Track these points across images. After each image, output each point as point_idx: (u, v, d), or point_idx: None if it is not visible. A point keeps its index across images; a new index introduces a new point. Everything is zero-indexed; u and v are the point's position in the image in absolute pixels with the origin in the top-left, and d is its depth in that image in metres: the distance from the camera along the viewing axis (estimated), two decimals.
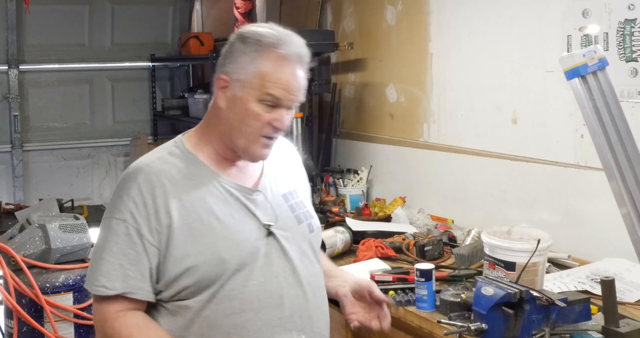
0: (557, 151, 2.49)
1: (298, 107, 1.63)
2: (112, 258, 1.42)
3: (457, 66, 2.97)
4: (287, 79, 1.44)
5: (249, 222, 1.50)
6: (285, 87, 1.44)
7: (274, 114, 1.46)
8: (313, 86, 3.43)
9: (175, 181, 1.47)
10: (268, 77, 1.44)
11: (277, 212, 1.55)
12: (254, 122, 1.47)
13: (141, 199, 1.43)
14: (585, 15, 2.34)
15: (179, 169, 1.49)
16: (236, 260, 1.45)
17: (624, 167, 1.61)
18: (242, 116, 1.47)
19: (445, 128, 3.07)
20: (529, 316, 1.65)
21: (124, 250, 1.42)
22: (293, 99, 1.47)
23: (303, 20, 4.13)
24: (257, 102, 1.45)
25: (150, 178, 1.46)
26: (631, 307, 1.92)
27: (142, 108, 5.56)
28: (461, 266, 2.27)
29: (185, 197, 1.45)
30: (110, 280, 1.41)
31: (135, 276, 1.42)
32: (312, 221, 1.62)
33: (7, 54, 4.96)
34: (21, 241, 2.68)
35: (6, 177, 5.08)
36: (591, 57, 1.61)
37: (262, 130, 1.48)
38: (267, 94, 1.44)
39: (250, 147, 1.50)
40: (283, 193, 1.60)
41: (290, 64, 1.45)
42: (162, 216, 1.43)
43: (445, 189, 3.07)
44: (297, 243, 1.55)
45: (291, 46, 1.46)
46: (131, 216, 1.43)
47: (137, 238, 1.42)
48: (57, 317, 2.58)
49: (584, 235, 2.39)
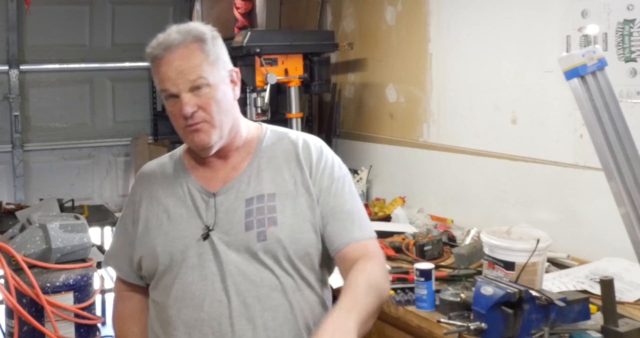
0: (556, 151, 2.50)
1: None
2: (114, 239, 1.75)
3: (457, 66, 2.97)
4: (163, 70, 1.51)
5: (193, 223, 1.56)
6: (165, 77, 1.51)
7: (177, 106, 1.52)
8: (313, 86, 3.44)
9: (155, 180, 1.66)
10: (156, 78, 1.56)
11: (227, 217, 1.53)
12: (174, 122, 1.56)
13: (132, 194, 1.70)
14: (585, 15, 2.34)
15: (164, 170, 1.68)
16: (167, 256, 1.54)
17: (623, 167, 1.61)
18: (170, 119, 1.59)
19: (445, 128, 3.07)
20: (529, 315, 1.65)
21: (119, 235, 1.72)
22: (178, 83, 1.50)
23: (303, 20, 4.14)
24: (166, 103, 1.55)
25: (141, 176, 1.71)
26: (630, 306, 1.92)
27: (142, 108, 5.57)
28: (461, 266, 2.28)
29: (154, 194, 1.63)
30: (108, 257, 1.74)
31: (121, 257, 1.69)
32: (269, 229, 1.50)
33: (7, 54, 4.97)
34: (22, 240, 2.69)
35: (7, 177, 5.08)
36: (590, 58, 1.61)
37: (180, 123, 1.54)
38: (162, 91, 1.55)
39: (187, 140, 1.58)
40: (250, 196, 1.55)
41: (162, 57, 1.51)
42: (136, 209, 1.65)
43: (445, 189, 3.07)
44: (238, 250, 1.51)
45: (158, 42, 1.53)
46: (125, 208, 1.71)
47: (124, 226, 1.69)
48: (58, 316, 2.58)
49: (583, 234, 2.40)
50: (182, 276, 1.53)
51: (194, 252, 1.53)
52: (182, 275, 1.53)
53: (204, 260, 1.52)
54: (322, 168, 1.61)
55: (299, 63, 3.36)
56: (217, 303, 1.49)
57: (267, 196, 1.55)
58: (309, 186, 1.57)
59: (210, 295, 1.49)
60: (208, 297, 1.49)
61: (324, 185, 1.59)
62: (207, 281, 1.50)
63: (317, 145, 1.66)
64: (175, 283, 1.53)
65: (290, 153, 1.62)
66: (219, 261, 1.51)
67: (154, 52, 1.53)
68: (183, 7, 5.63)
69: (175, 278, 1.53)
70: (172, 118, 1.56)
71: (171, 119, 1.57)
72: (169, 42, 1.51)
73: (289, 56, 3.33)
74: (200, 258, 1.52)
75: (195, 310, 1.50)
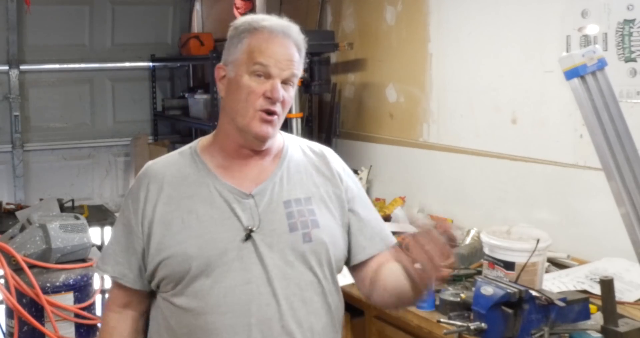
0: (556, 151, 2.50)
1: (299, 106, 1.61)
2: (111, 244, 1.59)
3: (457, 66, 2.98)
4: (273, 48, 1.47)
5: (228, 224, 1.48)
6: (272, 55, 1.46)
7: (265, 85, 1.46)
8: (313, 85, 3.44)
9: (171, 179, 1.54)
10: (256, 48, 1.47)
11: (267, 218, 1.49)
12: (248, 97, 1.47)
13: (137, 193, 1.55)
14: (585, 15, 2.34)
15: (179, 168, 1.56)
16: (202, 258, 1.45)
17: (623, 167, 1.61)
18: (237, 95, 1.49)
19: (445, 127, 3.07)
20: (528, 315, 1.65)
21: (119, 238, 1.57)
22: (283, 68, 1.47)
23: (303, 20, 4.14)
24: (248, 76, 1.47)
25: (149, 175, 1.56)
26: (630, 306, 1.92)
27: (142, 108, 5.56)
28: (461, 266, 2.28)
29: (174, 194, 1.52)
30: (104, 263, 1.57)
31: (123, 262, 1.54)
32: (313, 231, 1.50)
33: (7, 54, 4.96)
34: (22, 240, 2.69)
35: (7, 177, 5.08)
36: (590, 58, 1.61)
37: (257, 103, 1.47)
38: (255, 64, 1.46)
39: (250, 124, 1.48)
40: (286, 199, 1.52)
41: (277, 36, 1.48)
42: (149, 210, 1.51)
43: (445, 189, 3.07)
44: (282, 251, 1.47)
45: (276, 23, 1.50)
46: (127, 208, 1.55)
47: (129, 228, 1.54)
48: (58, 316, 2.59)
49: (583, 234, 2.40)
50: (223, 280, 1.45)
51: (235, 255, 1.46)
52: (223, 278, 1.45)
53: (247, 263, 1.46)
54: (347, 177, 1.64)
55: None
56: (266, 307, 1.45)
57: (304, 200, 1.54)
58: (340, 192, 1.59)
59: (256, 298, 1.45)
60: (255, 301, 1.44)
61: (354, 192, 1.62)
62: (251, 284, 1.45)
63: (336, 156, 1.68)
64: (215, 287, 1.45)
65: (315, 160, 1.62)
66: (263, 264, 1.46)
67: (269, 25, 1.49)
68: (183, 7, 5.62)
69: (215, 282, 1.45)
70: (244, 93, 1.47)
71: (242, 94, 1.47)
72: (289, 28, 1.51)
73: None
74: (241, 261, 1.46)
75: (243, 315, 1.44)
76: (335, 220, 1.56)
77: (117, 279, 1.55)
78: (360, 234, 1.59)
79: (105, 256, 1.58)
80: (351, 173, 1.67)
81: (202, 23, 5.65)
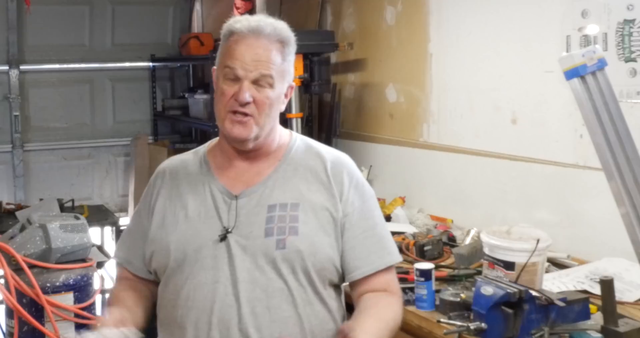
0: (556, 151, 2.50)
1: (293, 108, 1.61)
2: (126, 235, 1.72)
3: (457, 66, 2.98)
4: (240, 49, 1.49)
5: (210, 223, 1.53)
6: (239, 56, 1.49)
7: (234, 87, 1.49)
8: (313, 85, 3.44)
9: (175, 176, 1.64)
10: (226, 52, 1.52)
11: (248, 220, 1.51)
12: (220, 99, 1.52)
13: (150, 187, 1.67)
14: (585, 15, 2.34)
15: (186, 166, 1.65)
16: (179, 253, 1.52)
17: (623, 167, 1.61)
18: (216, 98, 1.55)
19: (445, 128, 3.07)
20: (528, 315, 1.65)
21: (132, 228, 1.70)
22: (249, 69, 1.48)
23: (303, 20, 4.14)
24: (223, 80, 1.52)
25: (161, 171, 1.68)
26: (630, 306, 1.92)
27: (142, 108, 5.56)
28: (461, 266, 2.28)
29: (174, 190, 1.61)
30: (119, 250, 1.71)
31: (132, 251, 1.66)
32: (288, 238, 1.49)
33: (7, 54, 4.96)
34: (22, 240, 2.69)
35: (7, 177, 5.08)
36: (590, 58, 1.61)
37: (227, 105, 1.51)
38: (225, 67, 1.51)
39: (224, 126, 1.54)
40: (272, 203, 1.53)
41: (245, 38, 1.50)
42: (152, 202, 1.62)
43: (445, 189, 3.07)
44: (254, 255, 1.48)
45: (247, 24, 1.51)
46: (142, 201, 1.68)
47: (139, 219, 1.66)
48: (58, 316, 2.58)
49: (583, 234, 2.40)
50: (195, 277, 1.50)
51: (209, 253, 1.50)
52: (195, 275, 1.50)
53: (218, 263, 1.49)
54: (354, 188, 1.59)
55: (299, 63, 3.35)
56: (227, 308, 1.47)
57: (291, 205, 1.53)
58: (337, 205, 1.55)
59: (220, 299, 1.47)
60: (218, 301, 1.47)
61: (356, 206, 1.58)
62: (219, 284, 1.48)
63: (347, 164, 1.64)
64: (187, 283, 1.50)
65: (318, 167, 1.59)
66: (232, 266, 1.48)
67: (239, 28, 1.51)
68: (183, 7, 5.62)
69: (187, 278, 1.51)
70: (219, 96, 1.53)
71: (217, 96, 1.54)
72: (259, 27, 1.51)
73: None
74: (214, 260, 1.49)
75: (205, 313, 1.48)
76: (323, 230, 1.53)
77: (124, 266, 1.67)
78: (353, 252, 1.55)
79: (120, 244, 1.72)
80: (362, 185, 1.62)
81: (202, 23, 5.65)
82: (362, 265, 1.55)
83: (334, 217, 1.55)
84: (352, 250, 1.55)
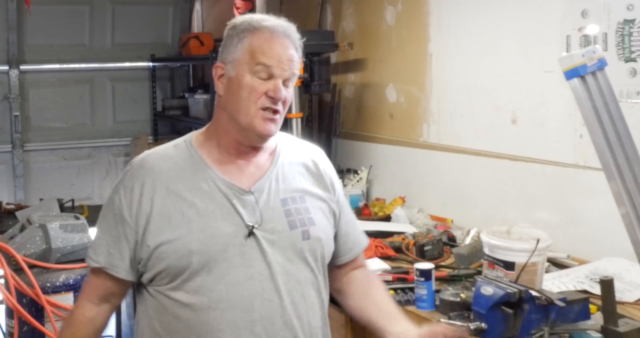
0: (556, 151, 2.50)
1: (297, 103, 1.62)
2: (101, 235, 1.55)
3: (457, 66, 2.98)
4: (276, 48, 1.48)
5: (230, 220, 1.49)
6: (275, 55, 1.48)
7: (268, 84, 1.47)
8: (313, 85, 3.44)
9: (168, 172, 1.53)
10: (258, 49, 1.48)
11: (268, 215, 1.51)
12: (250, 96, 1.48)
13: (130, 184, 1.53)
14: (585, 15, 2.34)
15: (175, 161, 1.55)
16: (204, 254, 1.45)
17: (623, 167, 1.61)
18: (239, 94, 1.49)
19: (445, 128, 3.07)
20: (528, 315, 1.65)
21: (110, 229, 1.53)
22: (285, 68, 1.48)
23: (303, 20, 4.14)
24: (250, 76, 1.48)
25: (144, 166, 1.55)
26: (630, 306, 1.92)
27: (142, 108, 5.57)
28: (461, 266, 2.28)
29: (172, 187, 1.51)
30: (96, 254, 1.55)
31: (115, 254, 1.52)
32: (310, 228, 1.54)
33: (7, 54, 4.97)
34: (22, 240, 2.69)
35: (7, 177, 5.08)
36: (590, 58, 1.61)
37: (259, 102, 1.48)
38: (257, 64, 1.47)
39: (252, 123, 1.49)
40: (283, 197, 1.55)
41: (279, 37, 1.50)
42: (145, 202, 1.50)
43: (445, 189, 3.07)
44: (283, 248, 1.50)
45: (277, 24, 1.52)
46: (119, 199, 1.52)
47: (120, 219, 1.51)
48: (58, 316, 2.59)
49: (583, 234, 2.40)
50: (225, 276, 1.46)
51: (237, 251, 1.47)
52: (225, 274, 1.46)
53: (249, 259, 1.47)
54: (336, 180, 1.69)
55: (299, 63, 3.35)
56: (268, 303, 1.47)
57: (299, 197, 1.57)
58: (329, 192, 1.64)
59: (260, 294, 1.46)
60: (258, 297, 1.46)
61: (341, 195, 1.69)
62: (254, 280, 1.46)
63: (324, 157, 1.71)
64: (217, 283, 1.46)
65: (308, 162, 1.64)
66: (266, 261, 1.48)
67: (270, 25, 1.50)
68: (183, 7, 5.63)
69: (217, 278, 1.45)
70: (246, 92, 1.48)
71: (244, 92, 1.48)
72: (287, 30, 1.52)
73: None
74: (242, 258, 1.47)
75: (245, 311, 1.46)
76: (327, 219, 1.61)
77: (108, 270, 1.52)
78: (347, 238, 1.68)
79: (96, 247, 1.55)
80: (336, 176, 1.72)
81: (202, 23, 5.65)
82: (353, 247, 1.70)
83: (331, 207, 1.63)
84: (347, 236, 1.68)
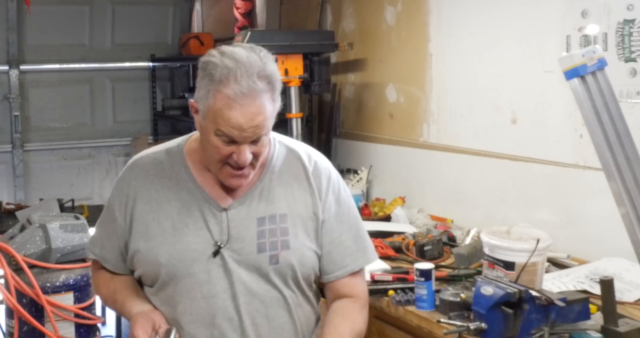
0: (556, 151, 2.50)
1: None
2: (99, 228, 1.66)
3: (457, 66, 2.97)
4: (236, 118, 1.38)
5: (201, 236, 1.50)
6: (235, 126, 1.38)
7: (232, 148, 1.42)
8: (313, 85, 3.44)
9: (153, 178, 1.56)
10: (219, 115, 1.39)
11: (239, 234, 1.50)
12: (215, 154, 1.45)
13: (122, 185, 1.59)
14: (585, 15, 2.34)
15: (163, 168, 1.57)
16: (171, 267, 1.49)
17: (623, 167, 1.61)
18: (206, 145, 1.47)
19: (445, 128, 3.07)
20: (528, 315, 1.65)
21: (105, 225, 1.63)
22: (247, 136, 1.40)
23: (303, 20, 4.14)
24: (214, 137, 1.42)
25: (135, 169, 1.59)
26: (630, 306, 1.92)
27: (142, 108, 5.57)
28: (461, 266, 2.28)
29: (154, 195, 1.54)
30: (93, 246, 1.66)
31: (107, 248, 1.62)
32: (282, 253, 1.51)
33: (7, 54, 4.97)
34: (22, 240, 2.69)
35: (7, 177, 5.09)
36: (590, 58, 1.61)
37: (220, 160, 1.45)
38: (219, 131, 1.40)
39: (219, 175, 1.49)
40: (262, 216, 1.52)
41: (243, 104, 1.37)
42: (130, 206, 1.56)
43: (445, 189, 3.07)
44: (249, 269, 1.50)
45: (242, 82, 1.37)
46: (114, 197, 1.60)
47: (112, 217, 1.59)
48: (58, 316, 2.59)
49: (583, 234, 2.40)
50: (190, 291, 1.49)
51: (203, 268, 1.49)
52: (190, 290, 1.49)
53: (214, 277, 1.49)
54: (331, 193, 1.61)
55: (299, 63, 3.35)
56: (228, 321, 1.48)
57: (280, 216, 1.53)
58: (318, 210, 1.58)
59: (221, 312, 1.48)
60: (219, 314, 1.48)
61: (332, 211, 1.60)
62: (217, 298, 1.48)
63: (325, 167, 1.64)
64: (184, 297, 1.50)
65: (300, 172, 1.60)
66: (230, 280, 1.49)
67: (230, 93, 1.37)
68: (183, 7, 5.63)
69: (183, 292, 1.50)
70: (212, 151, 1.44)
71: (209, 150, 1.45)
72: (253, 90, 1.38)
73: (289, 56, 3.33)
74: (208, 274, 1.49)
75: (206, 327, 1.49)
76: (309, 239, 1.57)
77: (101, 262, 1.63)
78: (330, 257, 1.60)
79: (94, 239, 1.67)
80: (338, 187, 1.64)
81: (202, 23, 5.65)
82: (336, 269, 1.60)
83: (318, 222, 1.58)
84: (329, 255, 1.60)
